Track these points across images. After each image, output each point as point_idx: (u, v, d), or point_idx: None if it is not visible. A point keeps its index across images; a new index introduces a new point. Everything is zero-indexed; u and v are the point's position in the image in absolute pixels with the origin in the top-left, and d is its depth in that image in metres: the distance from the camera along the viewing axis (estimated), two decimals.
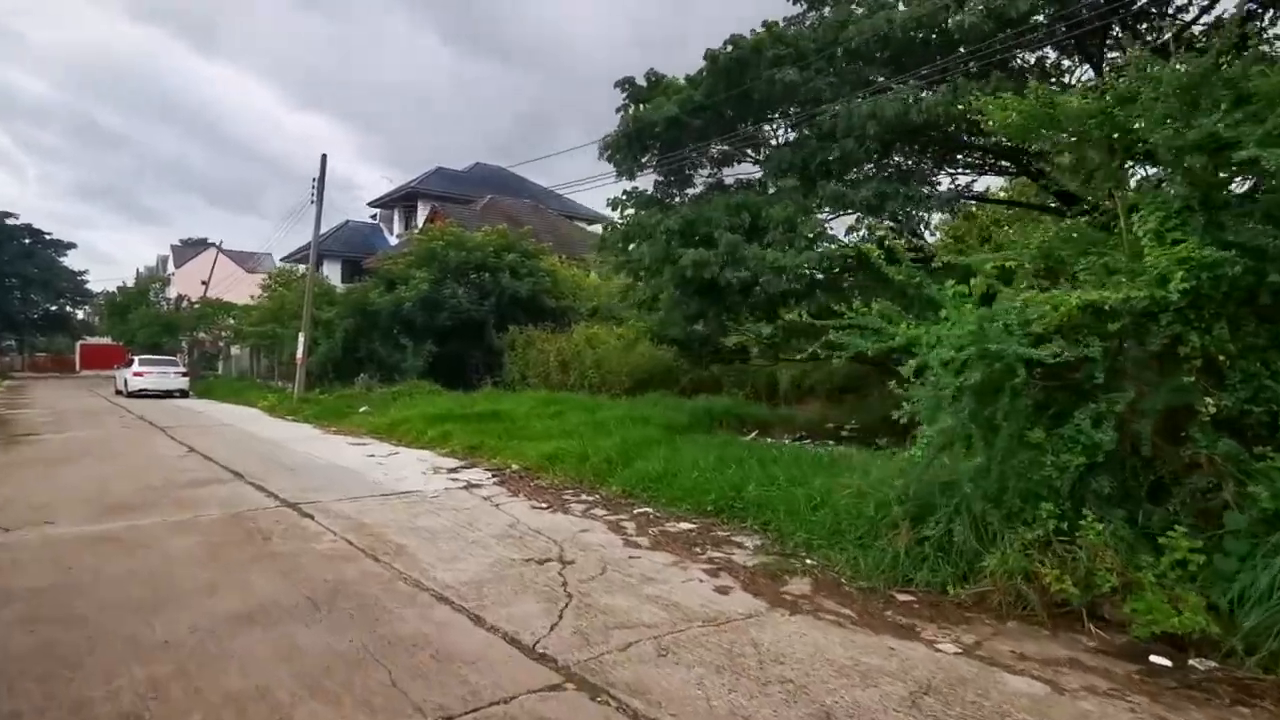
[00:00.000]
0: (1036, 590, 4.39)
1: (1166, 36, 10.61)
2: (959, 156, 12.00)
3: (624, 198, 12.42)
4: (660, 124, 9.80)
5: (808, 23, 10.72)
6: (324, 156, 21.38)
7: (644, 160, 11.22)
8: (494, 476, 8.90)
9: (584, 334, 19.05)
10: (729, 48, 9.41)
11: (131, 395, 24.79)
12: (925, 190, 8.76)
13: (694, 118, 9.88)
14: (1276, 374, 4.35)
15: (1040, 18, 8.36)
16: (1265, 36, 9.90)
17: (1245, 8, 10.38)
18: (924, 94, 8.04)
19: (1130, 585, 4.27)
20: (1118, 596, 4.30)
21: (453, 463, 9.98)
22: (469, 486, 8.27)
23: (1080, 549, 4.37)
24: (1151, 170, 5.41)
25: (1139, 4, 10.29)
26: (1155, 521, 4.56)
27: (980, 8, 7.83)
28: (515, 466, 9.34)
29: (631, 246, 12.21)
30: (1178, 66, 4.40)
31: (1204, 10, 10.41)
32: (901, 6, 9.40)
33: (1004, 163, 12.25)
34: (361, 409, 16.72)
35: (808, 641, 3.93)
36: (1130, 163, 5.10)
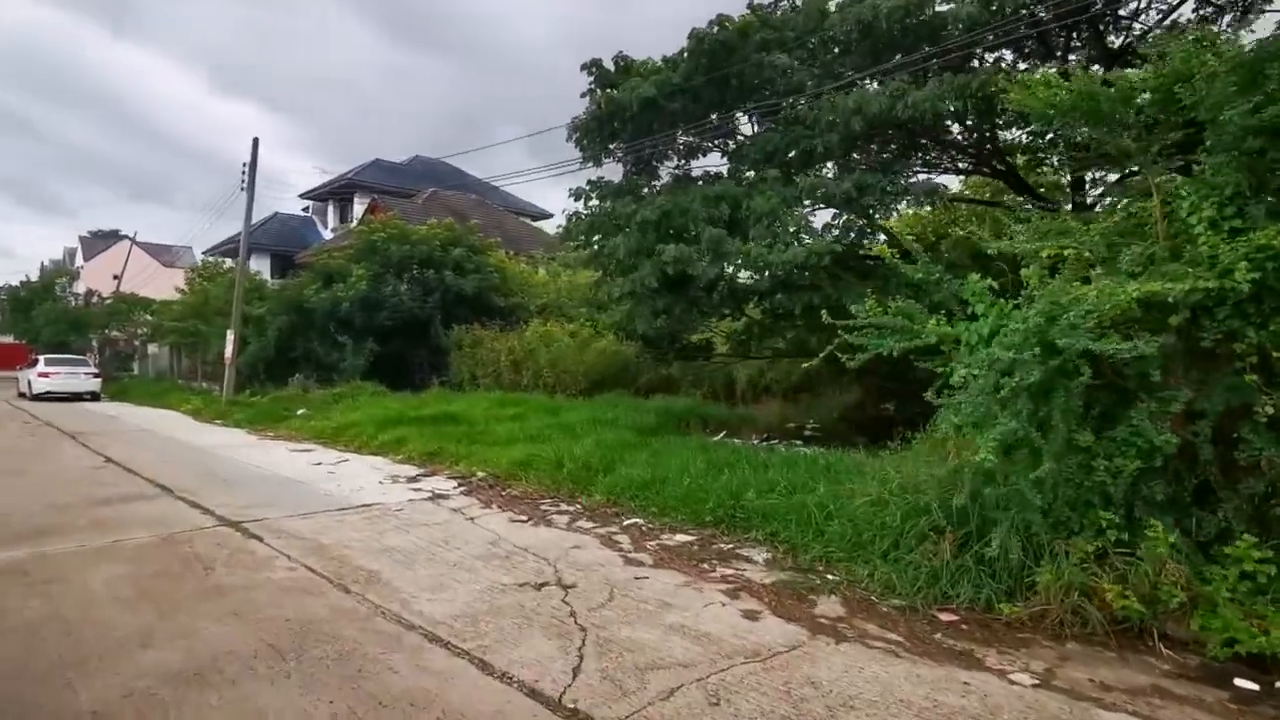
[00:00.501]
0: (1098, 607, 4.04)
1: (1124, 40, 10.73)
2: (917, 154, 11.81)
3: (588, 187, 11.81)
4: (635, 106, 9.22)
5: (779, 12, 10.33)
6: (255, 140, 19.98)
7: (613, 146, 10.62)
8: (460, 486, 8.16)
9: (537, 332, 18.34)
10: (715, 28, 8.91)
11: (36, 398, 22.66)
12: (902, 184, 8.44)
13: (671, 101, 9.34)
14: None
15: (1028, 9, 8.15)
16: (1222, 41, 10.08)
17: (1200, 12, 10.56)
18: (910, 89, 7.71)
19: (1196, 600, 3.98)
20: (1180, 612, 4.00)
21: (411, 470, 9.17)
22: (435, 497, 7.52)
23: (1142, 561, 4.05)
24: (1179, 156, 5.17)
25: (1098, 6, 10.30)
26: (1208, 529, 4.29)
27: None
28: (481, 474, 8.62)
29: (597, 238, 11.63)
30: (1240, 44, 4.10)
31: (1165, 15, 10.50)
32: None
33: (961, 162, 12.15)
34: (299, 412, 15.57)
35: (869, 677, 3.44)
36: (1168, 148, 4.82)
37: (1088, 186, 11.84)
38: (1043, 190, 12.21)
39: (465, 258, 21.07)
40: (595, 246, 11.81)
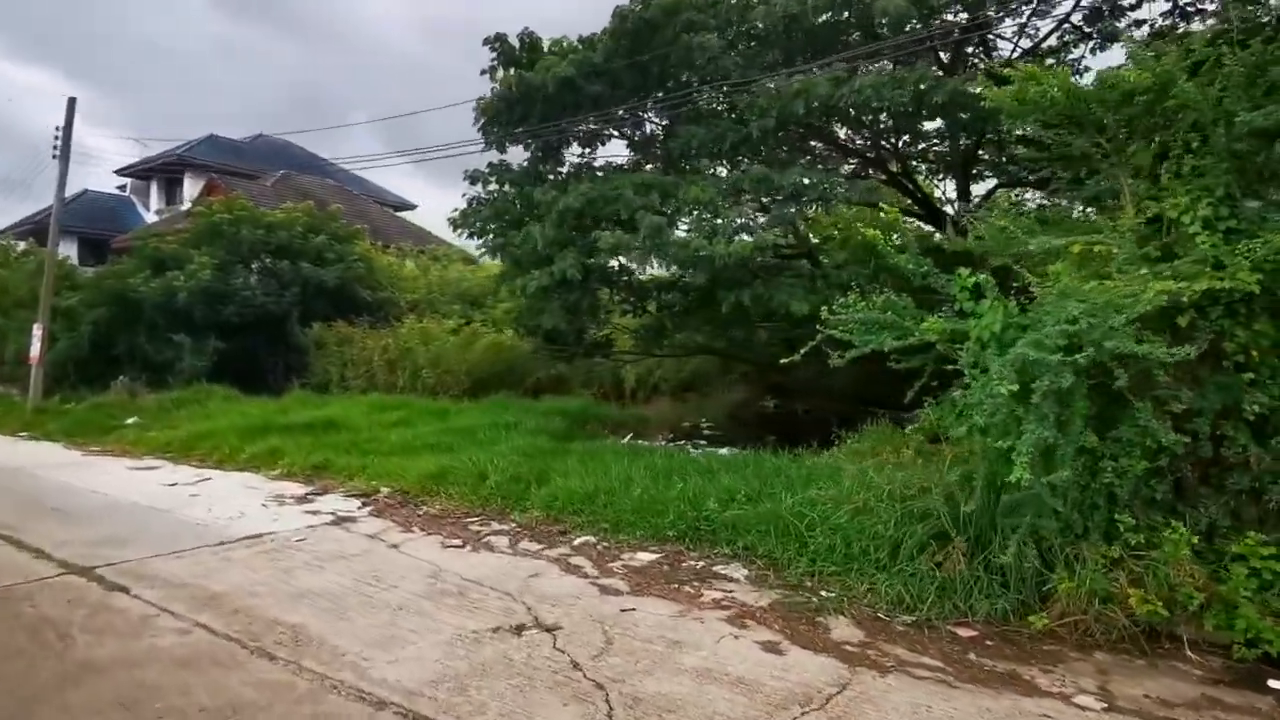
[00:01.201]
0: (1121, 613, 3.93)
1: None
2: (805, 156, 11.88)
3: (487, 171, 10.92)
4: (551, 87, 8.48)
5: None
6: (71, 100, 16.78)
7: (519, 131, 9.81)
8: (365, 505, 7.07)
9: (414, 329, 17.00)
10: (639, 5, 8.35)
11: None
12: (841, 181, 8.34)
13: (590, 83, 8.68)
14: None
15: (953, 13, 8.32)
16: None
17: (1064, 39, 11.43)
18: (855, 77, 7.60)
19: (1210, 600, 3.97)
20: (1194, 613, 3.98)
21: (297, 488, 7.88)
22: (339, 521, 6.42)
23: (1158, 563, 3.99)
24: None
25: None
26: (1197, 525, 4.33)
27: None
28: (386, 490, 7.54)
29: (494, 226, 10.81)
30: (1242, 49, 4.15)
31: (1037, 43, 11.24)
32: None
33: (845, 165, 12.43)
34: (130, 421, 13.28)
35: (941, 717, 3.06)
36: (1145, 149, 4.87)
37: (972, 195, 12.56)
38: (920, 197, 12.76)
39: (327, 246, 19.19)
40: (493, 234, 10.98)
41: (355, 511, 6.82)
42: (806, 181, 7.80)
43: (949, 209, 12.39)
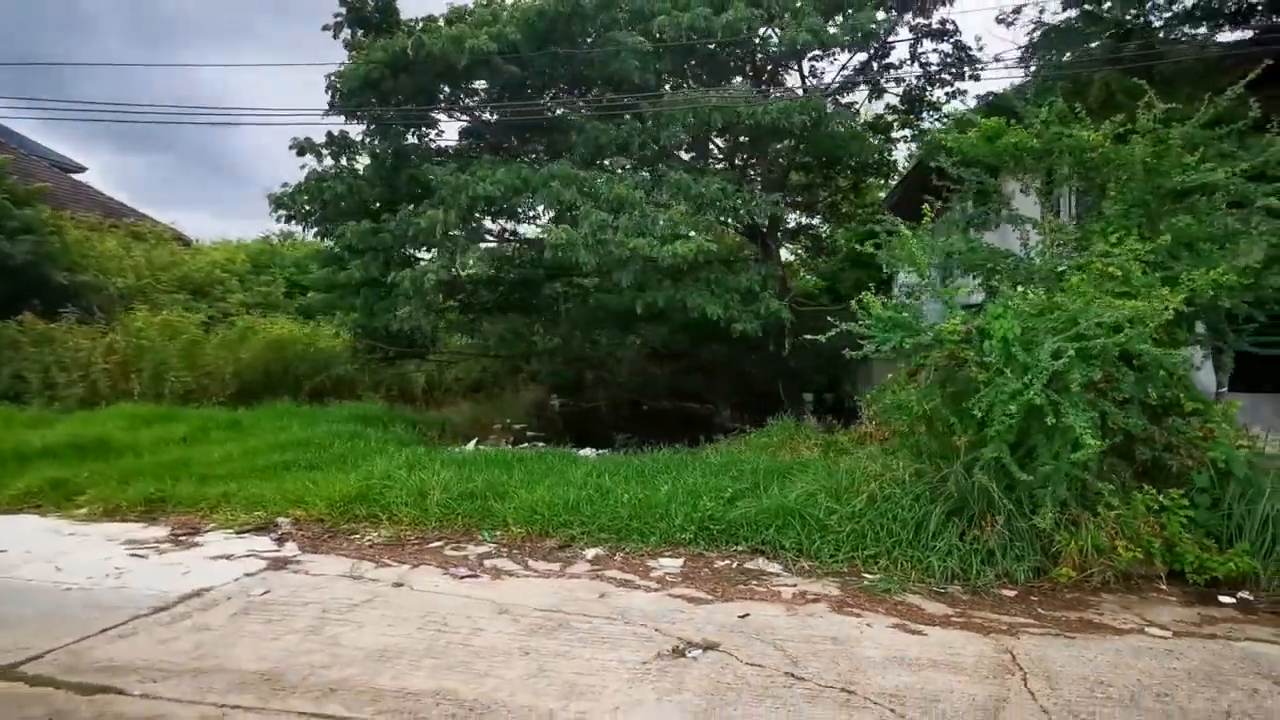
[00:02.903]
0: (1113, 561, 4.96)
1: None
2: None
3: (325, 143, 9.49)
4: (464, 61, 7.64)
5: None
6: None
7: (407, 106, 8.67)
8: (280, 540, 5.75)
9: (153, 323, 13.96)
10: None
11: None
12: (754, 195, 8.84)
13: (510, 63, 8.00)
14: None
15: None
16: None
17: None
18: (778, 99, 8.17)
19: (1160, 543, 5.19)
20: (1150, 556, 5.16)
21: (144, 529, 6.08)
22: (277, 564, 5.16)
23: (1131, 519, 5.10)
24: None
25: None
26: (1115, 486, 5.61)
27: (807, 28, 8.26)
28: (288, 521, 6.21)
29: (310, 206, 9.52)
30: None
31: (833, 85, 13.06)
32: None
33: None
34: None
35: (1107, 665, 3.65)
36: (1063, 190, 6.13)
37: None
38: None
39: (4, 211, 14.80)
40: (316, 214, 9.65)
41: (278, 549, 5.54)
42: (722, 191, 8.15)
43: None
